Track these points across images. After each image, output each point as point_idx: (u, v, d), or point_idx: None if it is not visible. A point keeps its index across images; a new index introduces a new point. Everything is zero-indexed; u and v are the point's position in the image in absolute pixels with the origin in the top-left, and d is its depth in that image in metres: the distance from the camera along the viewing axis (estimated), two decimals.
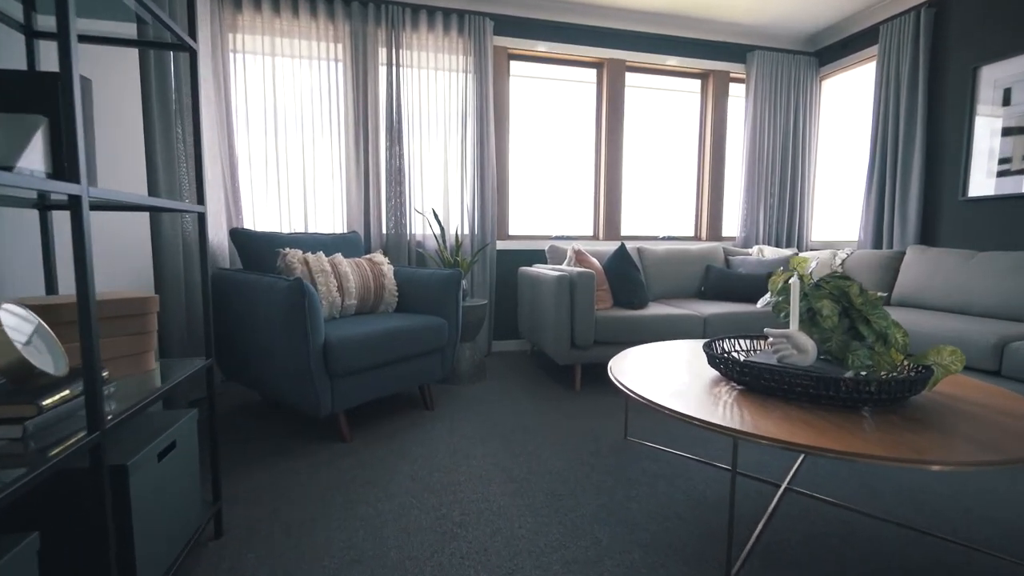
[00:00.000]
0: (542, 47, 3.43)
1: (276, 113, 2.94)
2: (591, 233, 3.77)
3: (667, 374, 1.52)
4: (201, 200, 1.24)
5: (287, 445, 1.90)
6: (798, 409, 1.21)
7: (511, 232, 3.58)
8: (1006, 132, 2.71)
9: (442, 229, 2.90)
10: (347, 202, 3.11)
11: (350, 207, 3.11)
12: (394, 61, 3.11)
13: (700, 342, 1.99)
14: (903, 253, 3.03)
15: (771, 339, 1.41)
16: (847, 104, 3.74)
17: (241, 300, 1.97)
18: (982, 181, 2.82)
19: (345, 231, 2.94)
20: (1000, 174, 2.74)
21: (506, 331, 3.55)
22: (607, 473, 1.67)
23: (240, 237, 2.22)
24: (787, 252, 3.40)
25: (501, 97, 3.42)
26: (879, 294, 1.35)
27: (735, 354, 1.67)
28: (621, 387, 1.41)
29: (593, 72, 3.65)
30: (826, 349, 1.36)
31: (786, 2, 3.31)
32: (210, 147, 2.64)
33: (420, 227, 3.26)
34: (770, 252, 3.49)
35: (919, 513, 1.44)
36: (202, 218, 1.23)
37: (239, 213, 2.85)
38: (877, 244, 3.37)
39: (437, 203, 3.28)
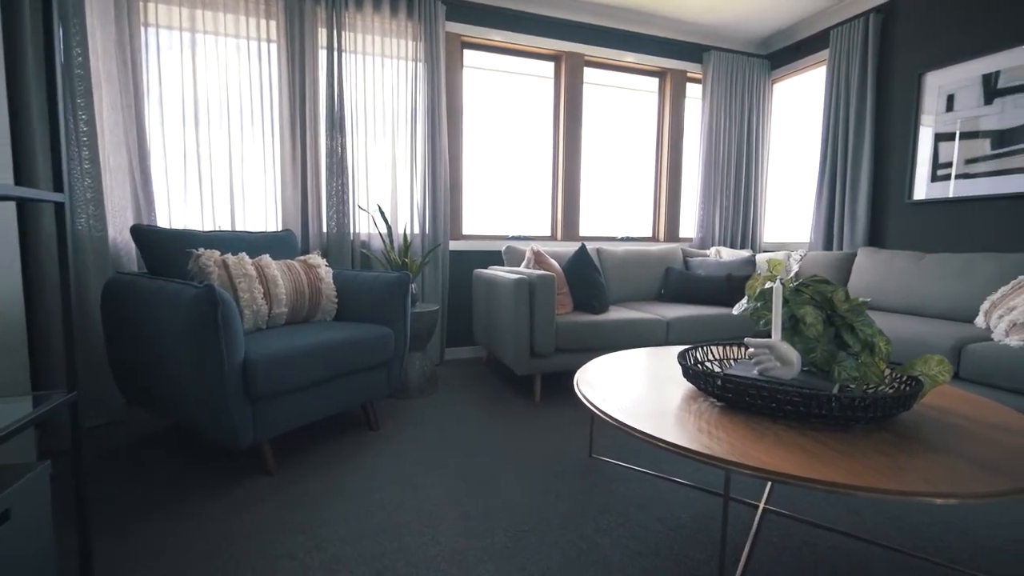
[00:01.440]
0: (497, 36, 3.24)
1: (198, 96, 2.59)
2: (549, 233, 3.61)
3: (639, 389, 1.37)
4: (59, 186, 0.96)
5: (199, 483, 1.61)
6: (787, 430, 1.08)
7: (465, 232, 3.37)
8: (949, 137, 2.78)
9: (389, 228, 2.64)
10: (282, 198, 2.80)
11: (285, 204, 2.80)
12: (336, 45, 2.83)
13: (667, 350, 1.87)
14: (854, 254, 3.07)
15: (752, 349, 1.28)
16: (798, 107, 3.78)
17: (141, 311, 1.65)
18: (927, 184, 2.89)
19: (279, 229, 2.63)
20: (943, 178, 2.81)
21: (460, 337, 3.33)
22: (574, 500, 1.50)
23: (143, 235, 1.89)
24: (744, 253, 3.38)
25: (454, 87, 3.20)
26: (863, 299, 1.25)
27: (708, 364, 1.54)
28: (593, 409, 1.24)
29: (551, 66, 3.50)
30: (810, 360, 1.25)
31: (740, 4, 3.29)
32: (113, 131, 2.27)
33: (365, 225, 2.99)
34: (727, 253, 3.46)
35: (899, 531, 1.36)
36: (60, 209, 0.95)
37: (151, 208, 2.48)
38: (828, 246, 3.42)
39: (384, 200, 3.02)
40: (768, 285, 1.37)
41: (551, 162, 3.57)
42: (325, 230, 2.90)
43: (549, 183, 3.58)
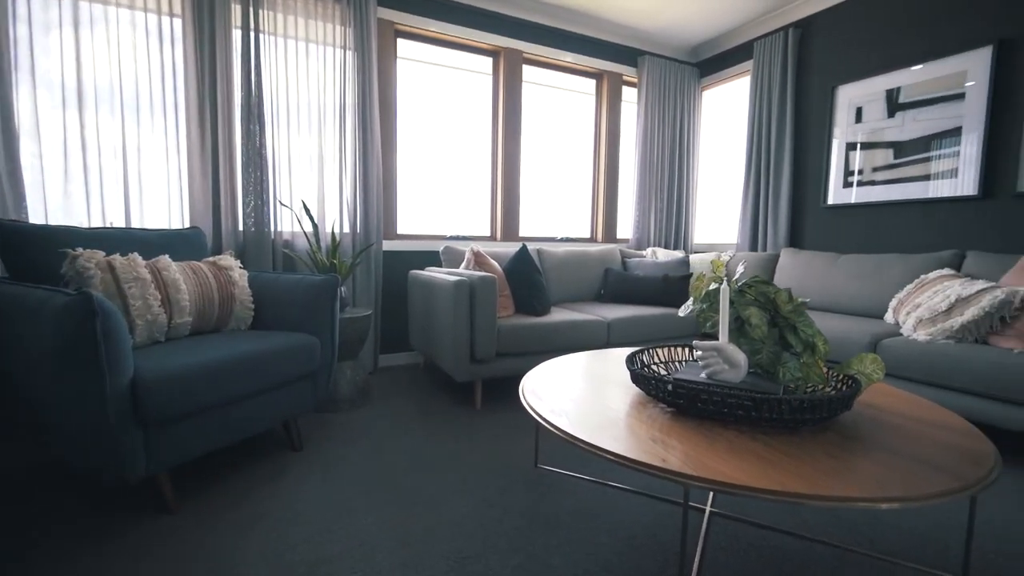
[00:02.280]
0: (434, 26, 3.09)
1: (82, 75, 2.23)
2: (489, 233, 3.52)
3: (587, 396, 1.30)
4: None
5: (84, 527, 1.35)
6: (738, 435, 1.05)
7: (400, 231, 3.19)
8: (859, 147, 3.00)
9: (315, 226, 2.43)
10: (189, 192, 2.48)
11: (193, 198, 2.49)
12: (252, 24, 2.56)
13: (610, 353, 1.83)
14: (778, 255, 3.23)
15: (699, 352, 1.25)
16: (726, 114, 3.96)
17: None
18: (839, 190, 3.10)
19: (184, 227, 2.33)
20: (851, 184, 3.02)
21: (395, 343, 3.15)
22: (521, 517, 1.41)
23: (3, 232, 1.57)
24: (678, 254, 3.47)
25: (387, 78, 3.01)
26: (804, 300, 1.26)
27: (655, 367, 1.51)
28: (543, 423, 1.15)
29: (489, 61, 3.40)
30: (756, 362, 1.24)
31: (671, 11, 3.37)
32: None
33: (289, 223, 2.74)
34: (663, 254, 3.54)
35: (838, 527, 1.39)
36: None
37: (19, 200, 2.10)
38: (753, 247, 3.59)
39: (310, 196, 2.78)
40: (713, 286, 1.36)
41: (490, 161, 3.47)
42: (241, 228, 2.62)
43: (488, 182, 3.49)
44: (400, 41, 3.10)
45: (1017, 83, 2.34)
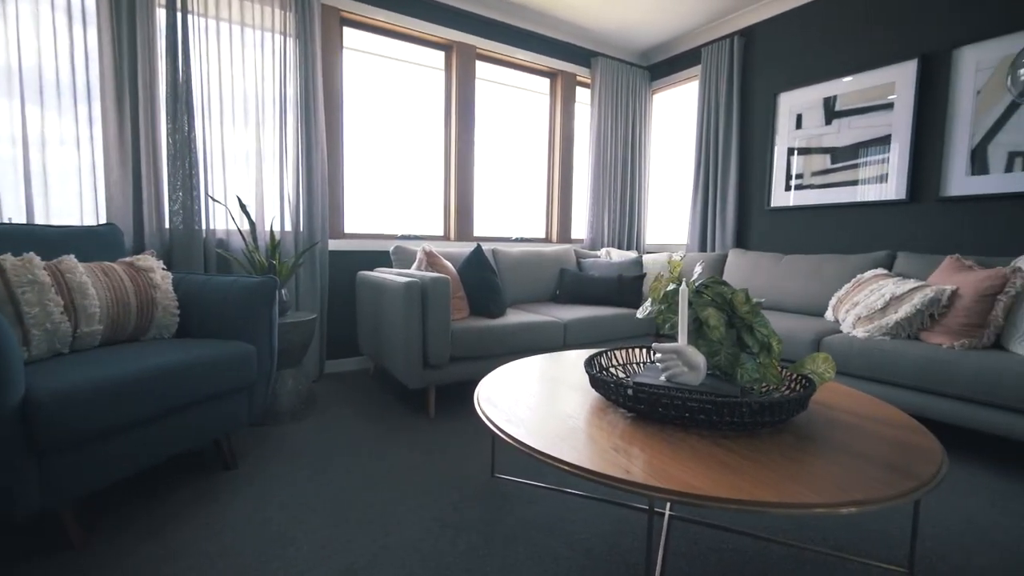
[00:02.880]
0: (382, 16, 2.95)
1: None
2: (442, 233, 3.41)
3: (544, 403, 1.24)
4: None
5: None
6: (700, 439, 1.03)
7: (348, 230, 3.03)
8: (798, 152, 3.13)
9: (252, 224, 2.24)
10: (105, 186, 2.23)
11: (110, 192, 2.24)
12: (179, 3, 2.33)
13: (566, 356, 1.79)
14: (726, 255, 3.32)
15: (659, 355, 1.22)
16: (676, 118, 4.04)
17: None
18: (781, 193, 3.23)
19: (99, 223, 2.09)
20: (794, 188, 3.15)
21: (342, 348, 2.98)
22: (477, 533, 1.33)
23: None
24: (632, 254, 3.50)
25: (332, 69, 2.85)
26: (759, 300, 1.26)
27: (613, 370, 1.48)
28: (499, 434, 1.08)
29: (442, 56, 3.30)
30: (714, 363, 1.23)
31: (623, 14, 3.40)
32: None
33: (223, 220, 2.52)
34: (617, 254, 3.56)
35: (794, 526, 1.40)
36: None
37: None
38: (703, 247, 3.68)
39: (248, 192, 2.57)
40: (672, 287, 1.33)
41: (443, 159, 3.37)
42: (168, 225, 2.38)
43: (441, 181, 3.38)
44: (347, 30, 2.95)
45: (938, 95, 2.51)
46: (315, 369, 2.75)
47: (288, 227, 2.67)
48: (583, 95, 3.97)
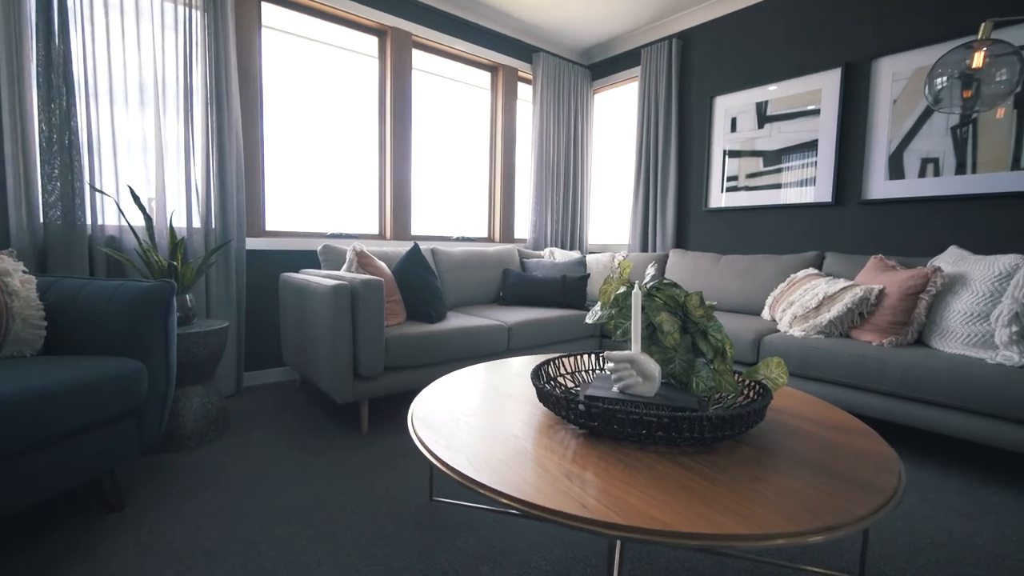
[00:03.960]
0: None
1: None
2: (377, 231, 3.19)
3: (487, 421, 1.11)
4: None
5: None
6: (659, 459, 0.93)
7: (269, 227, 2.74)
8: (733, 154, 3.20)
9: (148, 219, 1.93)
10: None
11: None
12: None
13: (511, 363, 1.66)
14: (667, 255, 3.35)
15: (612, 364, 1.12)
16: (617, 118, 4.05)
17: None
18: (718, 194, 3.30)
19: None
20: (731, 189, 3.23)
21: (264, 358, 2.69)
22: (413, 571, 1.17)
23: None
24: (575, 255, 3.45)
25: (249, 49, 2.56)
26: (712, 303, 1.20)
27: (562, 379, 1.37)
28: (436, 463, 0.93)
29: (375, 41, 3.07)
30: (669, 371, 1.15)
31: (564, 10, 3.34)
32: None
33: (114, 216, 2.18)
34: (560, 255, 3.50)
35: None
36: None
37: None
38: (644, 247, 3.70)
39: (145, 183, 2.24)
40: (622, 290, 1.24)
41: (378, 152, 3.15)
42: (43, 220, 2.02)
43: (376, 175, 3.16)
44: (266, 5, 2.66)
45: (860, 103, 2.63)
46: (231, 383, 2.45)
47: (197, 223, 2.35)
48: (525, 92, 3.88)
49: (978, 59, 1.88)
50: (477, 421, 1.11)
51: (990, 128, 2.26)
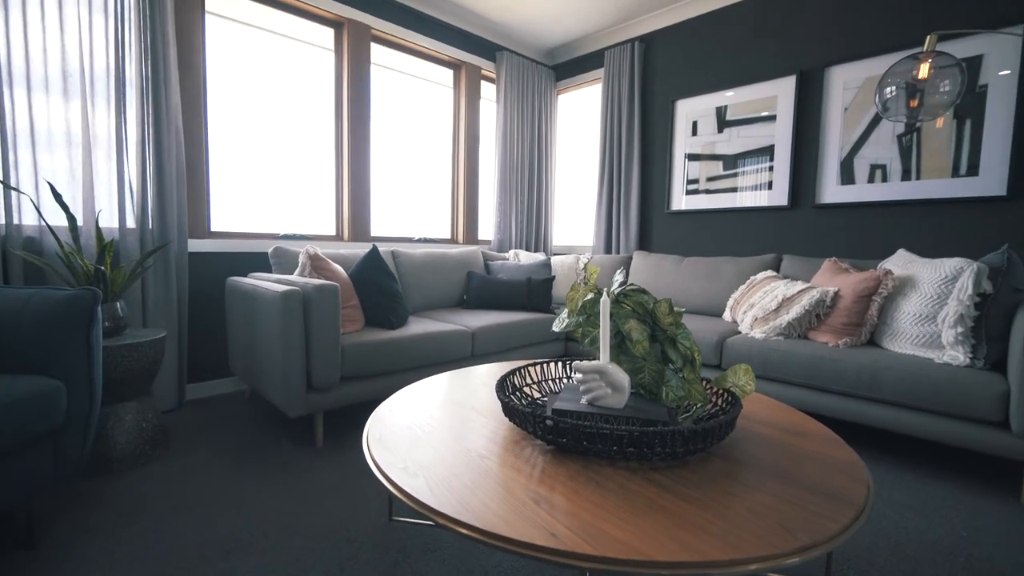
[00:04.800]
0: None
1: None
2: (334, 232, 3.04)
3: (449, 438, 1.04)
4: None
5: None
6: (630, 476, 0.89)
7: (215, 228, 2.56)
8: (694, 157, 3.25)
9: (71, 219, 1.75)
10: None
11: None
12: None
13: (474, 372, 1.60)
14: (631, 257, 3.36)
15: (579, 375, 1.07)
16: (581, 119, 4.04)
17: None
18: (681, 197, 3.33)
19: None
20: (692, 192, 3.27)
21: (210, 368, 2.51)
22: None
23: None
24: (540, 256, 3.41)
25: (190, 37, 2.37)
26: (681, 309, 1.17)
27: (528, 390, 1.31)
28: (391, 487, 0.85)
29: (331, 34, 2.93)
30: (638, 381, 1.11)
31: (528, 9, 3.30)
32: None
33: (31, 215, 1.97)
34: (525, 257, 3.45)
35: None
36: None
37: None
38: (608, 249, 3.71)
39: (67, 179, 2.03)
40: (590, 297, 1.20)
41: (334, 149, 3.00)
42: None
43: (333, 174, 3.01)
44: None
45: (814, 110, 2.71)
46: (172, 397, 2.27)
47: (131, 223, 2.16)
48: (488, 90, 3.81)
49: (924, 70, 1.96)
50: (438, 439, 1.04)
51: (932, 137, 2.36)
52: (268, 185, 2.74)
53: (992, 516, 1.51)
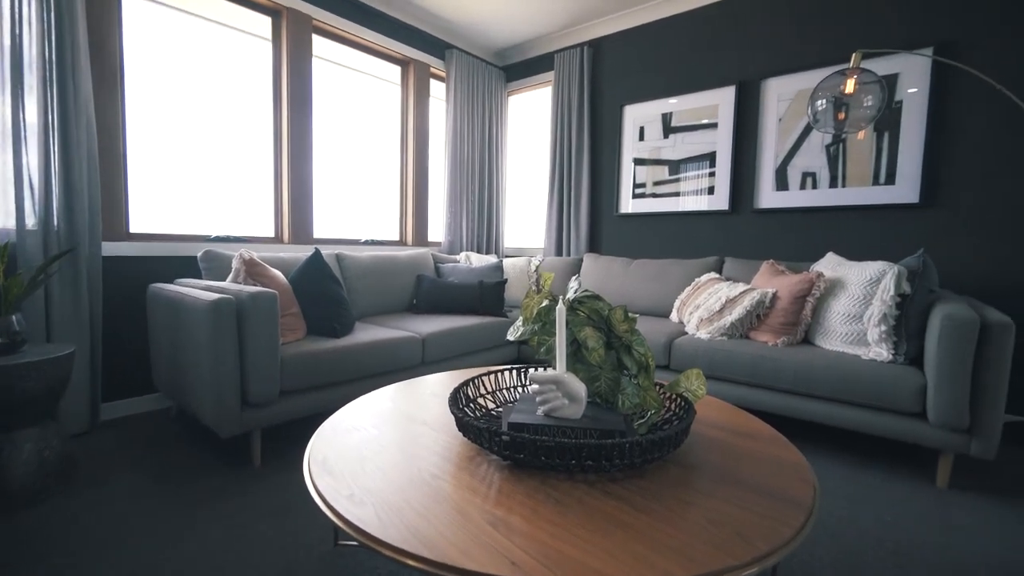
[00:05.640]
0: None
1: None
2: (273, 234, 2.86)
3: (398, 457, 0.98)
4: None
5: None
6: (588, 490, 0.87)
7: (134, 229, 2.33)
8: (641, 162, 3.32)
9: None
10: None
11: None
12: None
13: (424, 382, 1.53)
14: (581, 259, 3.39)
15: (536, 386, 1.04)
16: (532, 121, 4.04)
17: None
18: (629, 200, 3.40)
19: None
20: (640, 196, 3.35)
21: (130, 384, 2.29)
22: None
23: None
24: (492, 259, 3.38)
25: (103, 18, 2.14)
26: (633, 315, 1.17)
27: (483, 400, 1.27)
28: (335, 519, 0.78)
29: (268, 22, 2.75)
30: (595, 390, 1.10)
31: (478, 8, 3.26)
32: None
33: None
34: (476, 259, 3.40)
35: None
36: None
37: None
38: (559, 251, 3.73)
39: None
40: (545, 304, 1.17)
41: (273, 145, 2.82)
42: None
43: (271, 171, 2.83)
44: None
45: (752, 119, 2.84)
46: (82, 419, 2.03)
47: (31, 224, 1.92)
48: (438, 89, 3.73)
49: (850, 85, 2.09)
50: (387, 459, 0.98)
51: (856, 148, 2.54)
52: (199, 183, 2.53)
53: (913, 501, 1.62)
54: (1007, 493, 1.68)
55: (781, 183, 2.77)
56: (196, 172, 2.52)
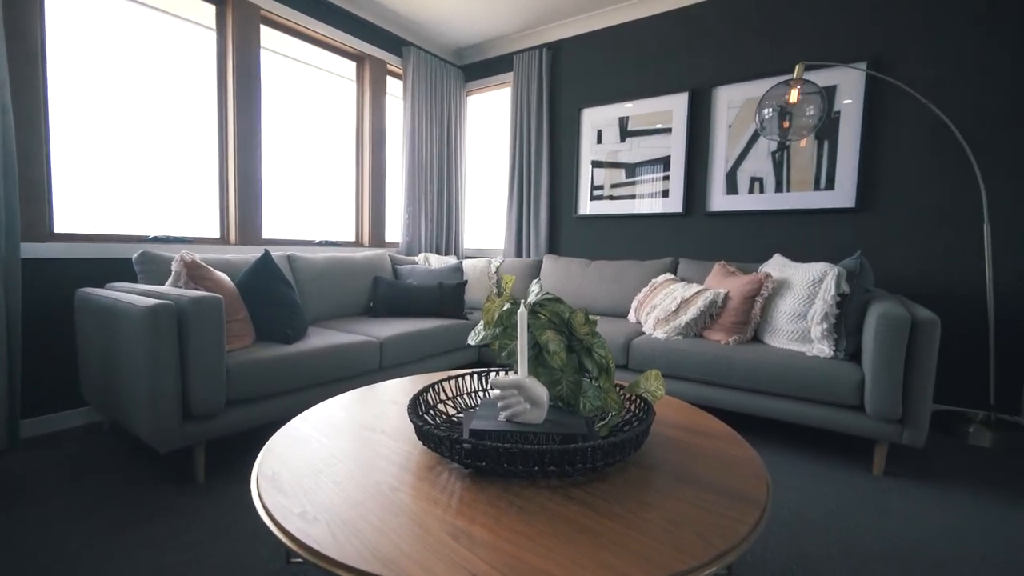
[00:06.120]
0: None
1: None
2: (219, 235, 2.71)
3: (355, 469, 0.94)
4: None
5: None
6: (551, 496, 0.86)
7: (59, 228, 2.15)
8: (599, 164, 3.38)
9: None
10: None
11: None
12: None
13: (383, 389, 1.49)
14: (541, 261, 3.41)
15: (497, 391, 1.03)
16: (491, 122, 4.02)
17: None
18: (587, 202, 3.45)
19: None
20: (598, 198, 3.40)
21: (55, 397, 2.10)
22: None
23: None
24: (451, 260, 3.34)
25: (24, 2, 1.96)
26: (594, 318, 1.17)
27: (443, 406, 1.24)
28: (286, 540, 0.74)
29: (212, 11, 2.60)
30: (556, 393, 1.09)
31: (437, 6, 3.21)
32: None
33: None
34: (436, 260, 3.35)
35: None
36: None
37: None
38: (519, 253, 3.73)
39: None
40: (507, 307, 1.16)
41: (218, 139, 2.67)
42: None
43: (216, 167, 2.68)
44: None
45: (704, 125, 2.94)
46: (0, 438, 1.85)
47: None
48: (395, 87, 3.65)
49: (794, 95, 2.19)
50: (343, 472, 0.93)
51: (799, 155, 2.67)
52: (136, 179, 2.35)
53: (853, 489, 1.72)
54: (936, 478, 1.81)
55: (731, 187, 2.88)
56: (133, 168, 2.35)
